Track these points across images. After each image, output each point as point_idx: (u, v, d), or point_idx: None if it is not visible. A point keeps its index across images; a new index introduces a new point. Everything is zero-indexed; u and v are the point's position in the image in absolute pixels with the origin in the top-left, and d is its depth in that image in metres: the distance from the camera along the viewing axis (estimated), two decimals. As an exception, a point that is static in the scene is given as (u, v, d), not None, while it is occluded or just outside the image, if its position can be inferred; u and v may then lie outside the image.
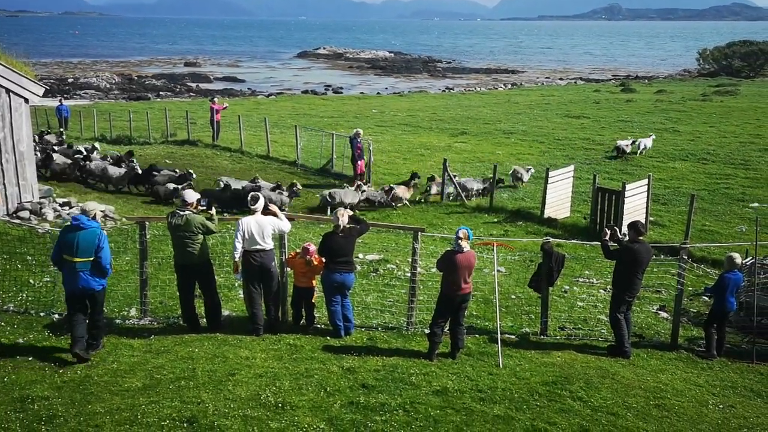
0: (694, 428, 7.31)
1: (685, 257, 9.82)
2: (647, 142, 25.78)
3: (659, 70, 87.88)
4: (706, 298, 11.55)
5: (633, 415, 7.39)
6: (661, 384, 8.37)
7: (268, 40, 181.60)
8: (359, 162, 20.95)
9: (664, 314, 10.99)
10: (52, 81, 59.45)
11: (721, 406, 7.95)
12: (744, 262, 10.78)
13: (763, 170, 22.79)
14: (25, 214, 14.29)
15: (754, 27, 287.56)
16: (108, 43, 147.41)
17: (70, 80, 64.49)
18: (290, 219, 9.75)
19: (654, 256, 9.64)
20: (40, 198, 15.26)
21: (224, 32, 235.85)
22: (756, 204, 15.63)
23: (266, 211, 9.06)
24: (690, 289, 11.83)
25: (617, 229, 9.60)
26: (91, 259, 7.94)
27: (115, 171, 19.57)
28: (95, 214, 8.24)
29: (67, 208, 15.34)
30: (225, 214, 15.28)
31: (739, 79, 64.45)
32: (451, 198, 19.05)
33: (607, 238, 9.46)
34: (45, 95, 16.00)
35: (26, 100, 14.60)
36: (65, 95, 49.12)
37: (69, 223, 8.15)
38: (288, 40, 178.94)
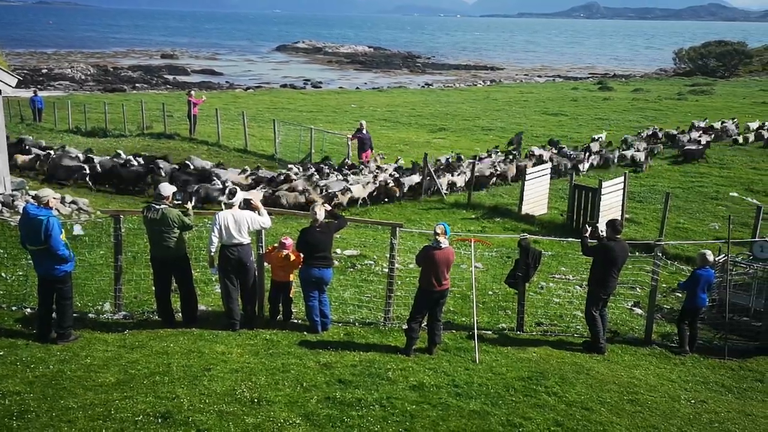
0: (667, 423, 7.41)
1: (660, 254, 9.95)
2: (753, 126, 30.30)
3: (636, 69, 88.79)
4: (679, 294, 11.71)
5: (607, 410, 7.48)
6: (634, 379, 8.49)
7: (246, 33, 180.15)
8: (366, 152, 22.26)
9: (638, 310, 11.12)
10: (25, 72, 58.28)
11: (693, 401, 8.07)
12: (716, 259, 10.95)
13: (737, 169, 23.18)
14: (-3, 206, 14.03)
15: (729, 27, 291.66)
16: (83, 34, 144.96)
17: (44, 71, 63.25)
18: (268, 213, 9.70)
19: (629, 253, 9.76)
20: (13, 190, 14.97)
21: (202, 24, 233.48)
22: (735, 194, 15.88)
23: (248, 206, 9.01)
24: (664, 285, 11.99)
25: (598, 227, 9.70)
26: (43, 246, 7.98)
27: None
28: (48, 200, 8.14)
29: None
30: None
31: (714, 78, 65.35)
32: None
33: (587, 235, 9.56)
34: (18, 86, 15.68)
35: (-2, 91, 14.30)
36: (39, 86, 48.30)
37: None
38: (267, 33, 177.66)
